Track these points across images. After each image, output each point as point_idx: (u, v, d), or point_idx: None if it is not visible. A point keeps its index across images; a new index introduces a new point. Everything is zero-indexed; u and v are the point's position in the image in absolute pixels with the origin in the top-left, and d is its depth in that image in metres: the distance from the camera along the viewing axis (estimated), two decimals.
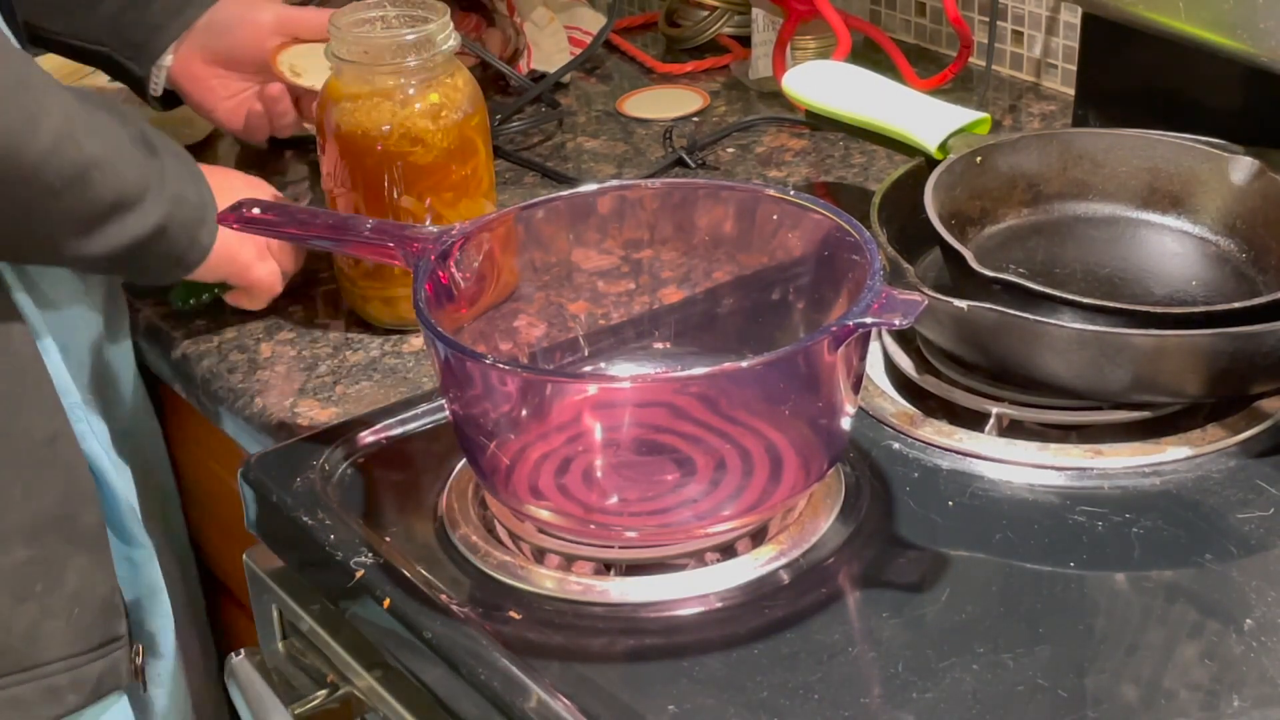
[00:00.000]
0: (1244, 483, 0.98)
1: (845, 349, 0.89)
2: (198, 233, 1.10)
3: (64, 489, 1.09)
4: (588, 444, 0.93)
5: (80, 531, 1.10)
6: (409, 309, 1.06)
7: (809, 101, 1.28)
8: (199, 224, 1.09)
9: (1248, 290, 1.12)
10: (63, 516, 1.09)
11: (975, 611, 0.90)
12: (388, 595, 0.93)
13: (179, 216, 1.07)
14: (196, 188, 1.09)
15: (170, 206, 1.06)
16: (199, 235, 1.10)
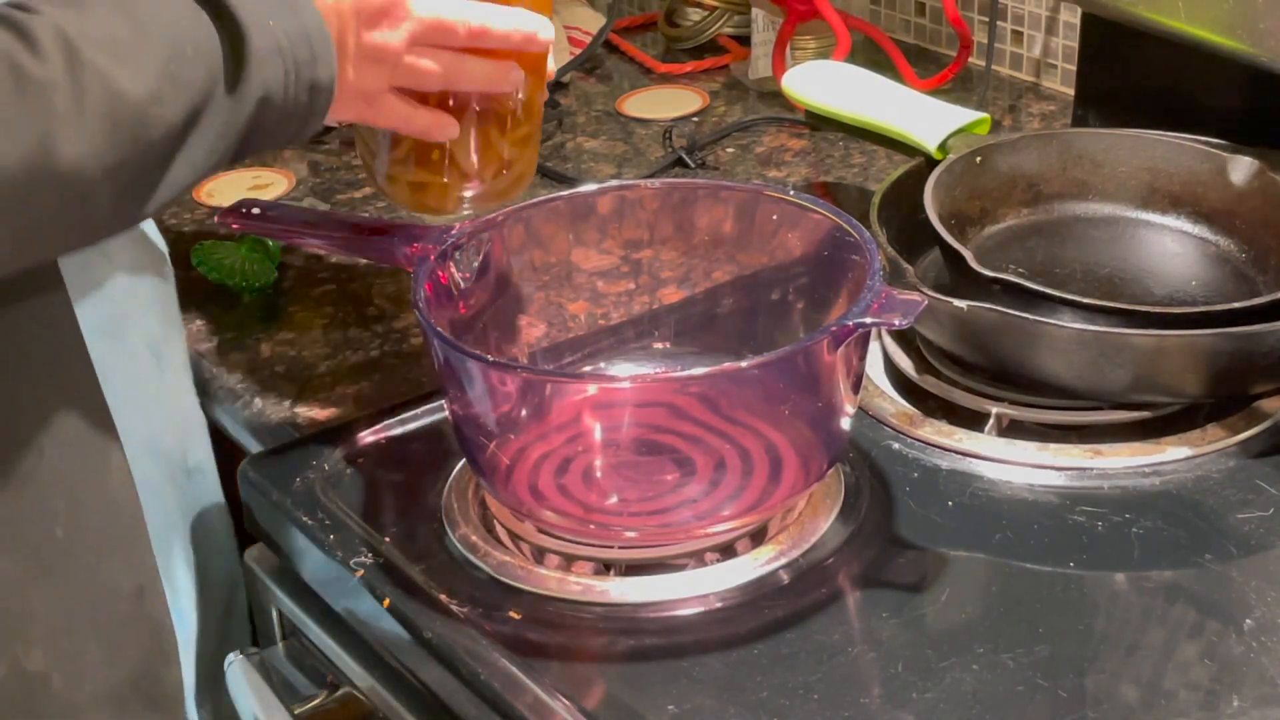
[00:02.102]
0: (1244, 483, 0.98)
1: (845, 349, 0.89)
2: (314, 72, 0.86)
3: (147, 647, 0.98)
4: (588, 444, 0.93)
5: (163, 692, 0.99)
6: (436, 198, 1.05)
7: (809, 101, 1.28)
8: (309, 64, 0.86)
9: (1248, 290, 1.12)
10: (145, 677, 0.97)
11: (975, 611, 0.90)
12: (388, 595, 0.93)
13: (275, 77, 0.85)
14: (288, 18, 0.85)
15: (261, 72, 0.84)
16: (316, 74, 0.87)
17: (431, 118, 0.98)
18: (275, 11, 0.84)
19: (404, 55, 0.93)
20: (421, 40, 0.93)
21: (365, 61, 0.92)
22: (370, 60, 0.92)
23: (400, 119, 0.97)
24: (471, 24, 0.94)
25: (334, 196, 1.42)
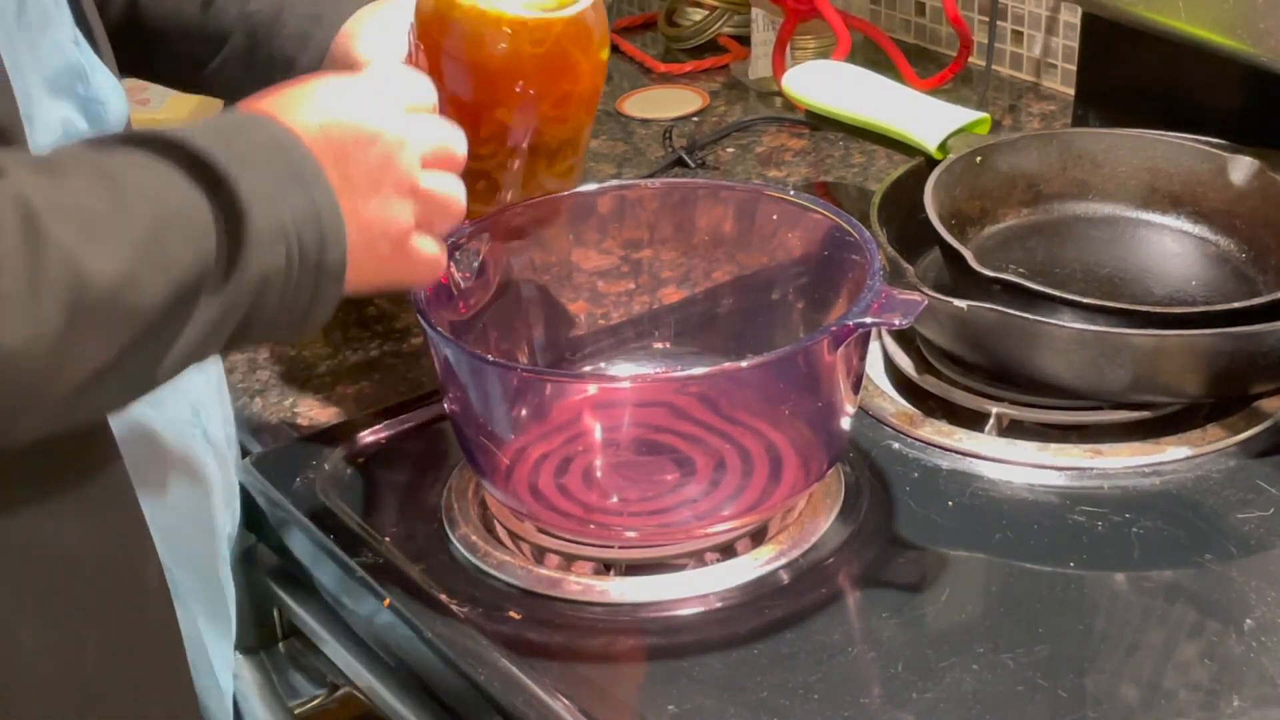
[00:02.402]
0: (1244, 483, 0.98)
1: (845, 349, 0.89)
2: (322, 258, 0.74)
3: None
4: (588, 444, 0.93)
5: None
6: (472, 218, 1.02)
7: (809, 101, 1.28)
8: (317, 248, 0.74)
9: (1248, 290, 1.12)
10: None
11: (975, 611, 0.90)
12: (388, 595, 0.93)
13: (275, 264, 0.73)
14: (296, 196, 0.73)
15: (260, 257, 0.72)
16: (324, 260, 0.74)
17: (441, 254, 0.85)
18: (282, 187, 0.73)
19: (419, 187, 0.81)
20: (432, 164, 0.82)
21: (378, 223, 0.79)
22: (383, 220, 0.79)
23: (427, 264, 0.83)
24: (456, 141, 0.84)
25: None
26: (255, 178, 0.71)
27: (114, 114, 0.85)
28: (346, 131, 0.76)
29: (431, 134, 0.81)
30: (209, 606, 0.94)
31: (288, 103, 0.77)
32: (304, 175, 0.73)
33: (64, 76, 0.81)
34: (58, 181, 0.67)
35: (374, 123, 0.77)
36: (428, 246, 0.82)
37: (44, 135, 0.78)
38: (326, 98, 0.78)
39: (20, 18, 0.76)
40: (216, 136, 0.72)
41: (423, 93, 0.82)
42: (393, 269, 0.81)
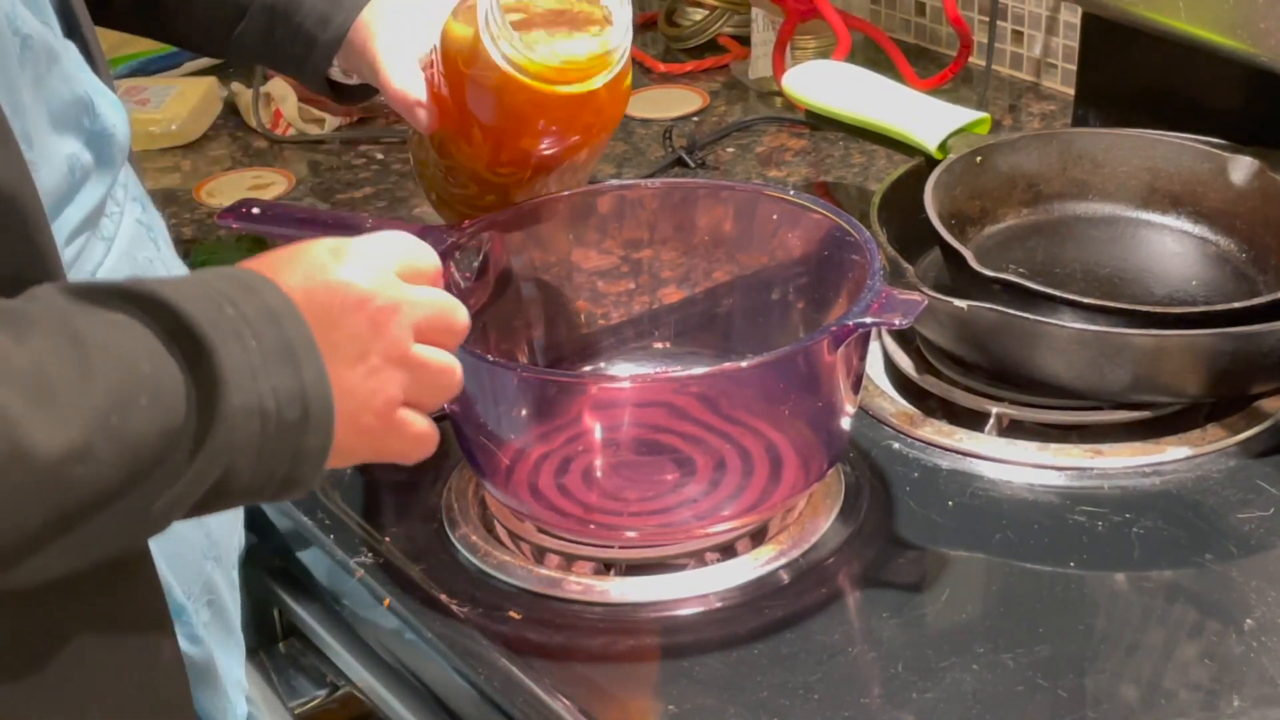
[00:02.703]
0: (1244, 483, 0.98)
1: (845, 349, 0.89)
2: (300, 439, 0.69)
3: None
4: (588, 444, 0.93)
5: None
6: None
7: (809, 101, 1.28)
8: (297, 428, 0.69)
9: (1248, 290, 1.12)
10: None
11: (975, 611, 0.90)
12: (388, 595, 0.93)
13: (247, 442, 0.68)
14: (283, 373, 0.68)
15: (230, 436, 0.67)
16: (303, 442, 0.70)
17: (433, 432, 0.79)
18: (268, 362, 0.67)
19: (410, 356, 0.75)
20: (426, 329, 0.76)
21: (361, 393, 0.74)
22: (368, 389, 0.74)
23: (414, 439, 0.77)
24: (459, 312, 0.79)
25: (334, 196, 1.42)
26: (239, 351, 0.66)
27: (119, 143, 0.84)
28: (334, 293, 0.72)
29: (428, 302, 0.76)
30: (222, 633, 0.92)
31: (278, 262, 0.73)
32: (295, 350, 0.68)
33: (70, 110, 0.79)
34: (17, 338, 0.62)
35: (365, 285, 0.73)
36: (416, 421, 0.76)
37: (50, 175, 0.77)
38: (319, 258, 0.73)
39: (24, 54, 0.74)
40: (208, 300, 0.67)
41: (424, 258, 0.77)
42: (376, 442, 0.75)
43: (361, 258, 0.73)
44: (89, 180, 0.81)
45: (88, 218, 0.81)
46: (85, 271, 0.81)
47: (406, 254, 0.76)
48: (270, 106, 1.54)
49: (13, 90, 0.73)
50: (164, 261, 0.89)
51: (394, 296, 0.74)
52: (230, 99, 1.59)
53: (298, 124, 1.53)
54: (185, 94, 1.55)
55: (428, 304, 0.76)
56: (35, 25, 0.75)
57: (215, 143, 1.54)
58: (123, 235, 0.85)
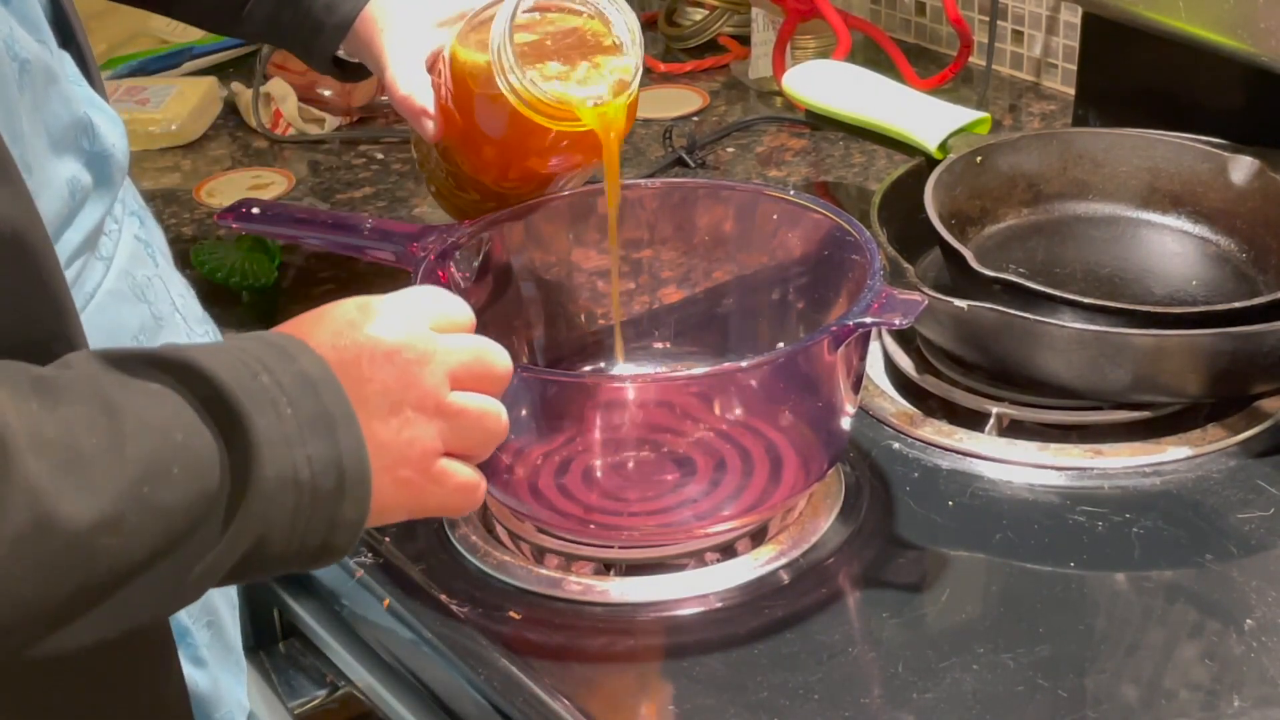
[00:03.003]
0: (1244, 483, 0.98)
1: (845, 349, 0.89)
2: (336, 509, 0.68)
3: None
4: (588, 444, 0.93)
5: None
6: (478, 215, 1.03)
7: (809, 101, 1.28)
8: (333, 498, 0.68)
9: (1248, 290, 1.12)
10: None
11: (975, 611, 0.90)
12: (388, 595, 0.93)
13: (281, 512, 0.67)
14: (319, 442, 0.67)
15: (264, 507, 0.66)
16: (339, 512, 0.69)
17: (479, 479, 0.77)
18: (304, 431, 0.67)
19: (446, 405, 0.74)
20: (464, 376, 0.75)
21: (396, 446, 0.72)
22: (403, 442, 0.72)
23: (457, 490, 0.76)
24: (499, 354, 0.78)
25: (334, 196, 1.42)
26: (274, 419, 0.66)
27: (118, 162, 0.83)
28: (362, 349, 0.71)
29: (464, 349, 0.75)
30: (222, 653, 0.92)
31: (307, 324, 0.72)
32: (333, 417, 0.67)
33: (69, 133, 0.78)
34: (51, 407, 0.62)
35: (393, 339, 0.72)
36: (459, 471, 0.74)
37: (50, 200, 0.75)
38: (347, 315, 0.73)
39: (23, 79, 0.73)
40: (243, 367, 0.66)
41: (456, 310, 0.76)
42: (419, 496, 0.73)
43: (390, 313, 0.73)
44: (88, 202, 0.80)
45: (87, 239, 0.80)
46: (84, 293, 0.80)
47: (437, 306, 0.75)
48: (270, 106, 1.54)
49: (12, 117, 0.72)
50: (162, 278, 0.88)
51: (424, 348, 0.73)
52: (230, 99, 1.59)
53: (298, 124, 1.53)
54: (185, 94, 1.55)
55: (463, 350, 0.74)
56: (33, 47, 0.74)
57: (215, 143, 1.54)
58: (121, 253, 0.84)
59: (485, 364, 0.75)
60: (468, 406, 0.74)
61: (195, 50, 1.68)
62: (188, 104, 1.54)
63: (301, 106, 1.53)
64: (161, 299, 0.86)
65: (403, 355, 0.72)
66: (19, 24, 0.74)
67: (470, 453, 0.76)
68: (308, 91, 1.55)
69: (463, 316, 0.76)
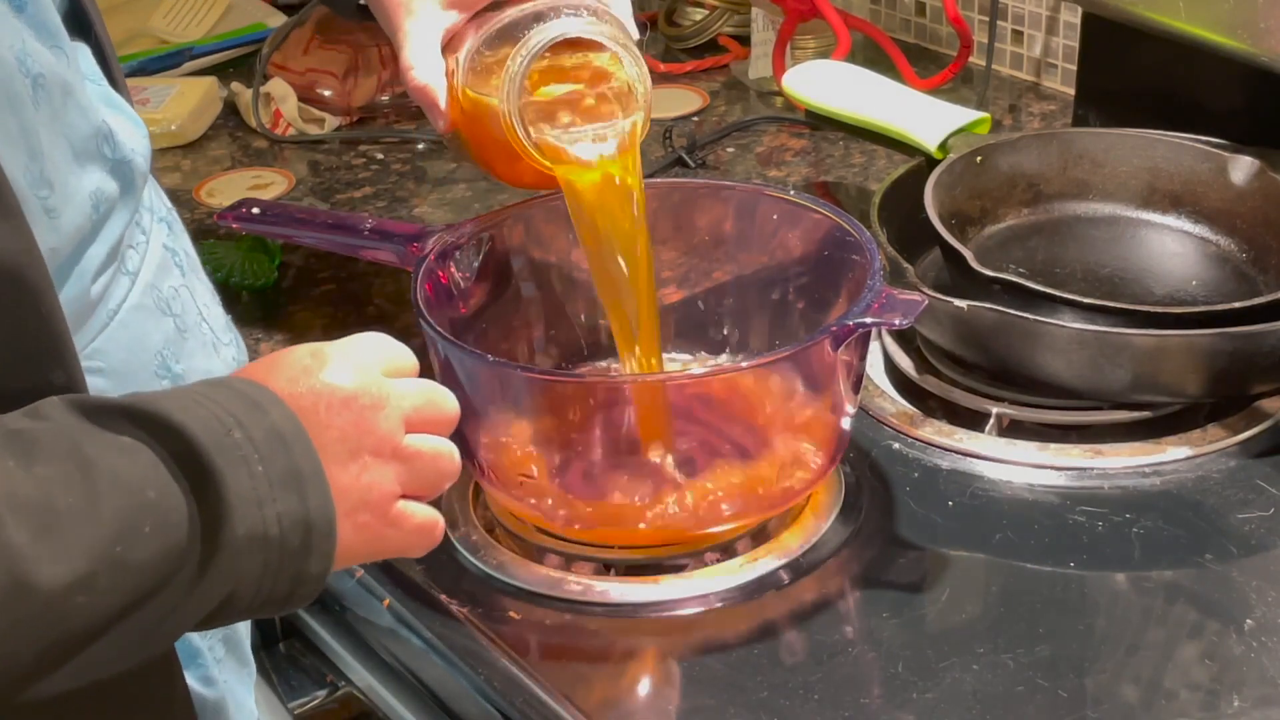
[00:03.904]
0: (1244, 483, 0.98)
1: (845, 349, 0.89)
2: (302, 565, 0.70)
3: None
4: (587, 443, 0.93)
5: None
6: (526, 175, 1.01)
7: (809, 101, 1.28)
8: (299, 555, 0.69)
9: (1248, 290, 1.12)
10: None
11: (975, 611, 0.90)
12: (388, 595, 0.93)
13: (250, 569, 0.68)
14: (288, 500, 0.68)
15: (233, 564, 0.67)
16: (305, 567, 0.70)
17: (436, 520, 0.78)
18: (275, 489, 0.67)
19: (402, 448, 0.75)
20: (416, 420, 0.76)
21: (356, 490, 0.73)
22: (362, 486, 0.73)
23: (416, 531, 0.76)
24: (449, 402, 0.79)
25: (334, 196, 1.42)
26: (246, 478, 0.66)
27: (140, 168, 0.82)
28: (319, 397, 0.72)
29: (415, 393, 0.76)
30: (236, 664, 0.91)
31: (260, 372, 0.73)
32: (302, 474, 0.68)
33: (90, 144, 0.77)
34: (26, 466, 0.62)
35: (349, 385, 0.73)
36: (418, 512, 0.76)
37: (74, 215, 0.75)
38: (300, 362, 0.73)
39: (37, 94, 0.72)
40: (216, 423, 0.67)
41: (402, 355, 0.77)
42: (378, 539, 0.75)
43: (343, 360, 0.74)
44: (113, 213, 0.79)
45: (111, 252, 0.79)
46: (108, 310, 0.79)
47: (385, 352, 0.77)
48: (270, 106, 1.54)
49: (29, 134, 0.71)
50: (189, 287, 0.87)
51: (378, 393, 0.74)
52: (230, 99, 1.59)
53: (298, 124, 1.53)
54: (185, 94, 1.55)
55: (415, 395, 0.76)
56: (46, 60, 0.73)
57: (215, 143, 1.54)
58: (148, 266, 0.83)
59: (436, 407, 0.77)
60: (423, 449, 0.75)
61: (195, 50, 1.68)
62: (188, 104, 1.54)
63: (301, 106, 1.53)
64: (188, 309, 0.85)
65: (359, 401, 0.73)
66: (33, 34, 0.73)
67: (425, 493, 0.77)
68: (308, 91, 1.55)
69: (410, 361, 0.78)
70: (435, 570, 0.94)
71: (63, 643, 0.63)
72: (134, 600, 0.64)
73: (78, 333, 0.76)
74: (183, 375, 0.82)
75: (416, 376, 0.77)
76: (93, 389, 0.76)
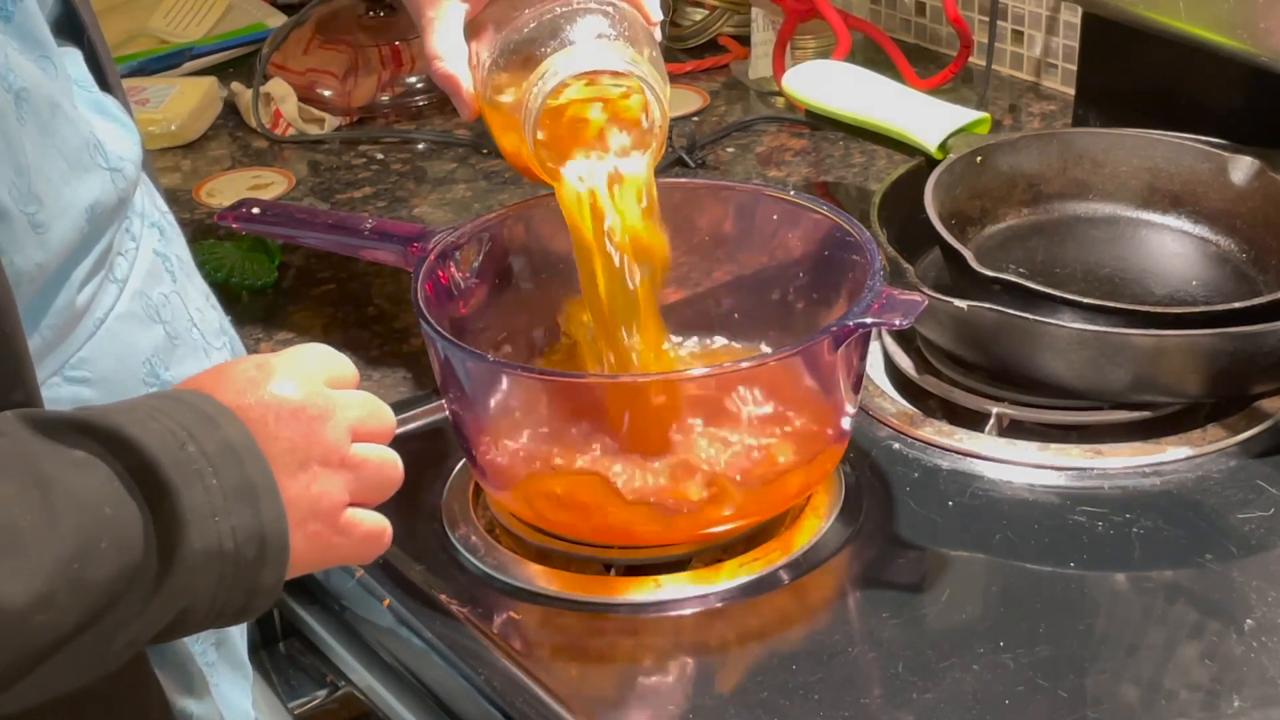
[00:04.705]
0: (1244, 483, 0.98)
1: (845, 349, 0.89)
2: (256, 577, 0.70)
3: None
4: (587, 443, 0.93)
5: None
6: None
7: (809, 101, 1.28)
8: (254, 567, 0.70)
9: (1248, 290, 1.12)
10: None
11: (975, 611, 0.90)
12: (388, 595, 0.93)
13: (205, 583, 0.68)
14: (243, 513, 0.69)
15: (189, 578, 0.68)
16: (259, 579, 0.70)
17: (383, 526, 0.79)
18: (229, 502, 0.68)
19: (350, 458, 0.76)
20: (360, 430, 0.77)
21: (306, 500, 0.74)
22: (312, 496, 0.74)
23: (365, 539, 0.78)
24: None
25: (334, 196, 1.42)
26: (200, 492, 0.67)
27: (130, 176, 0.81)
28: (268, 408, 0.72)
29: (359, 403, 0.77)
30: (229, 668, 0.91)
31: (208, 383, 0.73)
32: (255, 487, 0.69)
33: (81, 156, 0.77)
34: None
35: (296, 395, 0.74)
36: (365, 520, 0.77)
37: (66, 229, 0.74)
38: (246, 374, 0.74)
39: (21, 109, 0.71)
40: (170, 437, 0.67)
41: (344, 366, 0.78)
42: (328, 547, 0.75)
43: (288, 371, 0.74)
44: (101, 222, 0.79)
45: (99, 260, 0.79)
46: (94, 319, 0.78)
47: (328, 363, 0.77)
48: (270, 106, 1.54)
49: (14, 149, 0.70)
50: (180, 293, 0.86)
51: (324, 404, 0.75)
52: (230, 99, 1.59)
53: (298, 124, 1.53)
54: (185, 94, 1.55)
55: (358, 405, 0.77)
56: (31, 73, 0.72)
57: (215, 143, 1.54)
58: (137, 273, 0.82)
59: (378, 418, 0.78)
60: (369, 458, 0.77)
61: (195, 50, 1.68)
62: (188, 104, 1.54)
63: (301, 106, 1.53)
64: (178, 316, 0.85)
65: (307, 412, 0.74)
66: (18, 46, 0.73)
67: (372, 501, 0.78)
68: (308, 91, 1.55)
69: (351, 372, 0.78)
70: (435, 570, 0.94)
71: (20, 661, 0.63)
72: (91, 617, 0.64)
73: (63, 342, 0.76)
74: (172, 383, 0.82)
75: (357, 388, 0.78)
76: (78, 399, 0.76)
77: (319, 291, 1.28)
